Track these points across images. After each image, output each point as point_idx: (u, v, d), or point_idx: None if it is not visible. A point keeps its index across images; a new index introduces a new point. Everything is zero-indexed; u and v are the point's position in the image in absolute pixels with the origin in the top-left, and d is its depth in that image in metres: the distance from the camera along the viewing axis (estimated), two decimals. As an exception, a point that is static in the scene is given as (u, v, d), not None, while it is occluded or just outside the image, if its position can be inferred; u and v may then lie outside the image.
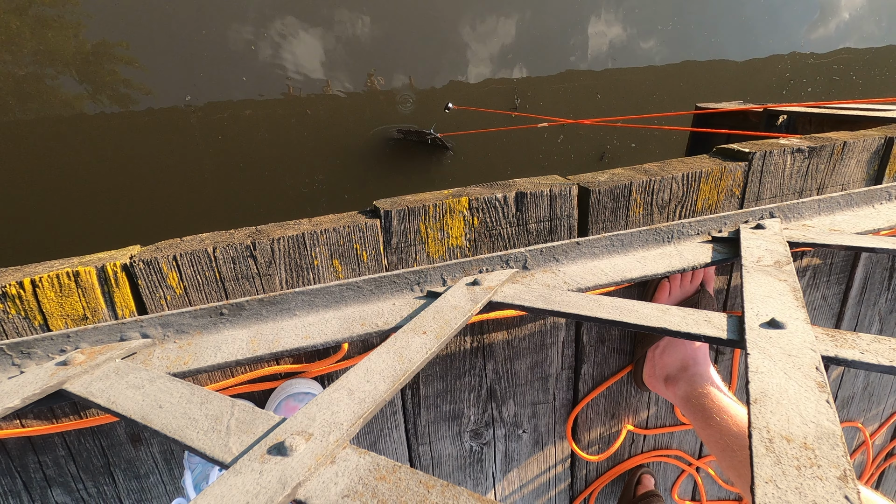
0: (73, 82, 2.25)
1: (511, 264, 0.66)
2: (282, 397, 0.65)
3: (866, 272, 0.96)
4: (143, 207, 2.42)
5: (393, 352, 0.46)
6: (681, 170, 0.76)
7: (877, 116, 1.20)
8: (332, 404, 0.39)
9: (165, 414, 0.40)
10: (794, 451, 0.32)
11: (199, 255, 0.59)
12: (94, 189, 2.34)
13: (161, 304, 0.59)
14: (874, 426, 1.18)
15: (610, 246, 0.69)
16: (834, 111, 1.39)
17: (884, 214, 0.78)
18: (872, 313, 1.02)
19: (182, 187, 2.46)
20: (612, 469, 0.94)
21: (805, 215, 0.78)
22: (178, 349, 0.53)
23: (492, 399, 0.80)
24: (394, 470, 0.33)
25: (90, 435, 0.63)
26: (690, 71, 3.27)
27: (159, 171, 2.41)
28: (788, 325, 0.45)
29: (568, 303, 0.54)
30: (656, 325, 0.49)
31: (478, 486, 0.86)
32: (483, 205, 0.68)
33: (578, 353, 0.82)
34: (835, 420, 0.34)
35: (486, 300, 0.56)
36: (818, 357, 0.41)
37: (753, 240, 0.67)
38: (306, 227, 0.63)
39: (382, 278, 0.61)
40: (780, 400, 0.36)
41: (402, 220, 0.65)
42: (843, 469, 0.30)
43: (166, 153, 2.41)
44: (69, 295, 0.56)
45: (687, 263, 0.66)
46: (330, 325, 0.56)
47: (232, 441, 0.37)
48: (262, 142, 2.54)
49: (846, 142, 0.82)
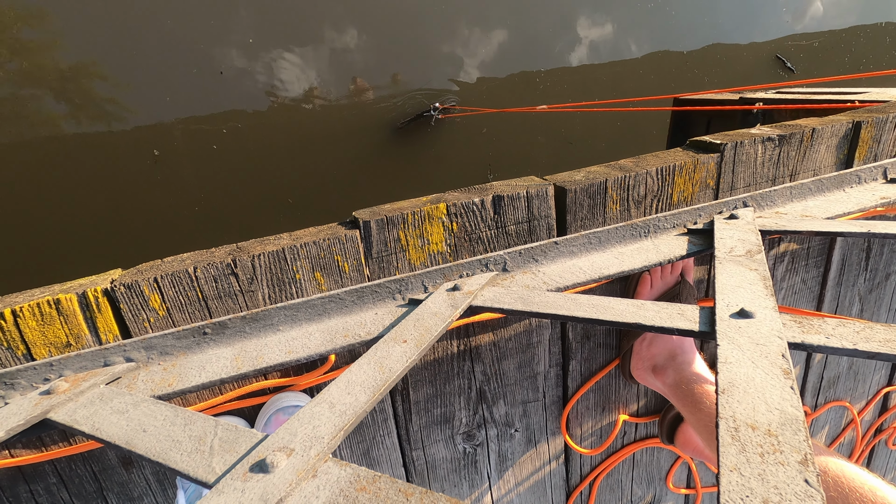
0: (51, 101, 2.23)
1: (491, 267, 0.67)
2: (271, 411, 0.66)
3: (843, 254, 0.98)
4: (127, 228, 2.40)
5: (374, 362, 0.47)
6: (655, 164, 0.77)
7: (849, 100, 1.23)
8: (314, 418, 0.39)
9: (149, 437, 0.40)
10: (759, 439, 0.33)
11: (180, 276, 0.59)
12: (75, 212, 2.32)
13: (145, 326, 0.60)
14: (861, 404, 1.20)
15: (588, 244, 0.70)
16: (807, 97, 1.41)
17: (854, 198, 0.80)
18: (852, 294, 1.04)
19: (166, 205, 2.45)
20: (606, 461, 0.95)
21: (778, 203, 0.80)
22: (162, 371, 0.54)
23: (482, 400, 0.81)
24: (374, 480, 0.34)
25: (81, 461, 0.63)
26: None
27: (140, 190, 2.39)
28: (757, 314, 0.47)
29: (546, 303, 0.55)
30: (631, 320, 0.50)
31: (473, 487, 0.87)
32: (461, 210, 0.69)
33: (565, 350, 0.83)
34: (798, 406, 0.35)
35: (466, 305, 0.57)
36: (784, 344, 0.42)
37: (727, 230, 0.68)
38: (286, 242, 0.64)
39: (364, 288, 0.61)
40: (748, 389, 0.37)
41: (381, 230, 0.66)
42: (804, 453, 0.31)
43: (147, 171, 2.39)
44: (51, 323, 0.56)
45: (663, 257, 0.68)
46: (313, 339, 0.57)
47: (215, 461, 0.37)
48: (249, 154, 2.53)
49: (815, 128, 0.84)
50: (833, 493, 0.49)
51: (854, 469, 0.52)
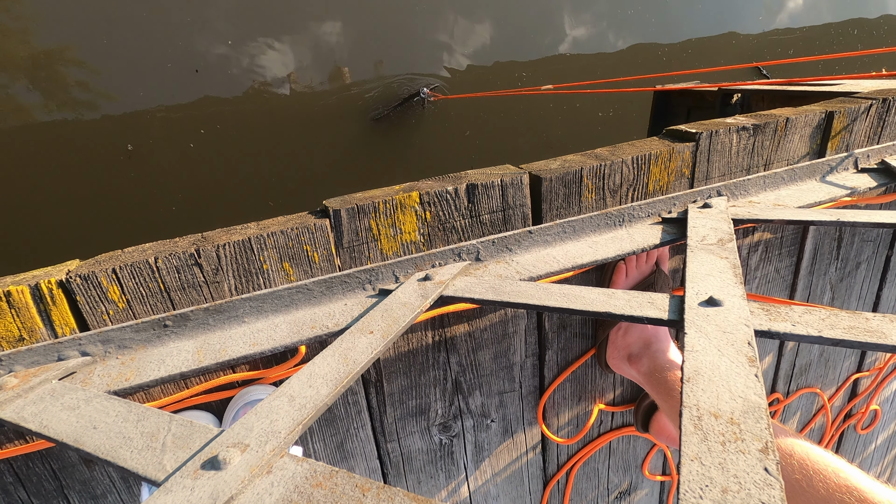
0: (23, 90, 2.14)
1: (464, 257, 0.65)
2: (239, 405, 0.64)
3: (815, 243, 1.00)
4: (99, 223, 2.33)
5: (338, 354, 0.45)
6: (631, 153, 0.77)
7: (824, 91, 1.24)
8: (272, 412, 0.38)
9: (99, 434, 0.39)
10: (721, 427, 0.33)
11: (139, 267, 0.57)
12: (44, 206, 2.24)
13: (104, 319, 0.57)
14: (831, 390, 1.23)
15: (562, 233, 0.69)
16: (784, 88, 1.42)
17: (825, 188, 0.80)
18: (824, 282, 1.06)
19: (143, 195, 2.38)
20: (582, 449, 0.96)
21: (752, 192, 0.80)
22: (120, 365, 0.52)
23: (458, 391, 0.80)
24: (331, 476, 0.33)
25: (39, 459, 0.61)
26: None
27: (114, 185, 2.32)
28: (725, 302, 0.46)
29: (518, 293, 0.55)
30: (602, 309, 0.50)
31: (450, 478, 0.86)
32: (434, 198, 0.67)
33: (541, 340, 0.83)
34: (761, 394, 0.35)
35: (437, 295, 0.56)
36: (751, 332, 0.42)
37: (700, 219, 0.68)
38: (253, 231, 0.62)
39: (333, 279, 0.60)
40: (712, 377, 0.37)
41: (352, 219, 0.64)
42: (764, 441, 0.31)
43: (121, 160, 2.32)
44: (2, 317, 0.54)
45: (637, 246, 0.67)
46: (279, 331, 0.55)
47: (167, 458, 0.36)
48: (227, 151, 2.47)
49: (788, 118, 0.84)
50: (798, 476, 0.50)
51: (819, 451, 0.52)
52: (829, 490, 0.47)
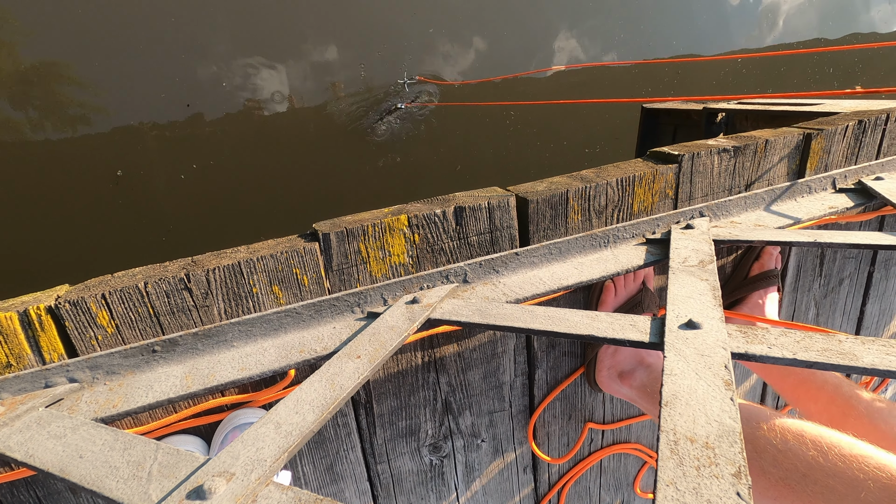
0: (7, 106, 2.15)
1: (451, 279, 0.66)
2: (228, 429, 0.64)
3: (798, 261, 1.02)
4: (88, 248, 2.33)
5: (325, 379, 0.46)
6: (615, 175, 0.78)
7: (804, 112, 1.27)
8: (258, 440, 0.38)
9: (85, 464, 0.39)
10: (697, 452, 0.33)
11: (129, 292, 0.57)
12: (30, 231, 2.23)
13: (92, 344, 0.58)
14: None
15: (548, 254, 0.71)
16: (766, 108, 1.46)
17: (804, 207, 0.82)
18: (808, 299, 1.08)
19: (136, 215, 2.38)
20: (573, 468, 0.96)
21: (733, 212, 0.82)
22: (108, 391, 0.52)
23: (448, 412, 0.81)
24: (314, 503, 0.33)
25: (24, 486, 0.60)
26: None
27: (103, 211, 2.32)
28: (704, 325, 0.48)
29: (503, 315, 0.56)
30: (585, 332, 0.51)
31: (441, 498, 0.86)
32: (423, 221, 0.68)
33: (531, 360, 0.84)
34: (736, 418, 0.36)
35: (425, 318, 0.57)
36: (728, 355, 0.43)
37: (682, 240, 0.70)
38: (243, 255, 0.62)
39: (321, 302, 0.61)
40: (689, 401, 0.38)
41: (341, 242, 0.65)
42: (738, 466, 0.32)
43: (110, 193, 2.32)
44: (-10, 343, 0.54)
45: (622, 267, 0.69)
46: (268, 355, 0.56)
47: (153, 488, 0.36)
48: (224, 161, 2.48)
49: (768, 139, 0.87)
50: (813, 452, 0.52)
51: (830, 430, 0.55)
52: (846, 460, 0.49)
